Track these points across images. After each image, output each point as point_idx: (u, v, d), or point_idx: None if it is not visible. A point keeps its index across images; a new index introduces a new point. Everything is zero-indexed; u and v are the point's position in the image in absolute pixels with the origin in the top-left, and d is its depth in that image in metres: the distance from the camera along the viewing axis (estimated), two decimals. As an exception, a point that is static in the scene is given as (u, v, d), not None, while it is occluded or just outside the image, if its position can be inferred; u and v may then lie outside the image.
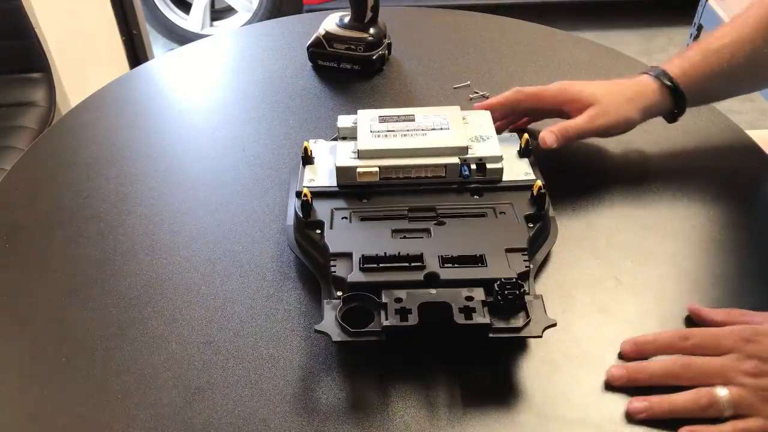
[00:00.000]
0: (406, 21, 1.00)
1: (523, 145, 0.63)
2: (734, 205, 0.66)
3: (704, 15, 1.73)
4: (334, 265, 0.53)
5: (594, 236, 0.62)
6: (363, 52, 0.86)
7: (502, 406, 0.48)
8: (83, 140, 0.78)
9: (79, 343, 0.54)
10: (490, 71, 0.87)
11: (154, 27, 2.64)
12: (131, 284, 0.59)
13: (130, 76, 0.92)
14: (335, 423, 0.48)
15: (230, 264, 0.60)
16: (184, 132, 0.78)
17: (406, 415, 0.48)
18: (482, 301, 0.49)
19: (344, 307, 0.49)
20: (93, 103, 0.84)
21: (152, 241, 0.63)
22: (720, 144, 0.74)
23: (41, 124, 1.34)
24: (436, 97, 0.82)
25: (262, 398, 0.49)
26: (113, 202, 0.68)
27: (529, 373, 0.51)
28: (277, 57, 0.92)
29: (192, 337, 0.54)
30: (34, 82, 1.40)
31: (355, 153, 0.61)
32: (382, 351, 0.51)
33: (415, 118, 0.64)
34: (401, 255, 0.52)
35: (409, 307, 0.49)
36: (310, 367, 0.51)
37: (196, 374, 0.51)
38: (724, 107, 0.76)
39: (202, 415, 0.48)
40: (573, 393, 0.49)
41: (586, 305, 0.56)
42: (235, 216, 0.66)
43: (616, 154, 0.72)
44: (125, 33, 1.94)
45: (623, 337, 0.53)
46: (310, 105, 0.82)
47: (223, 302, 0.57)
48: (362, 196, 0.60)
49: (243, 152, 0.74)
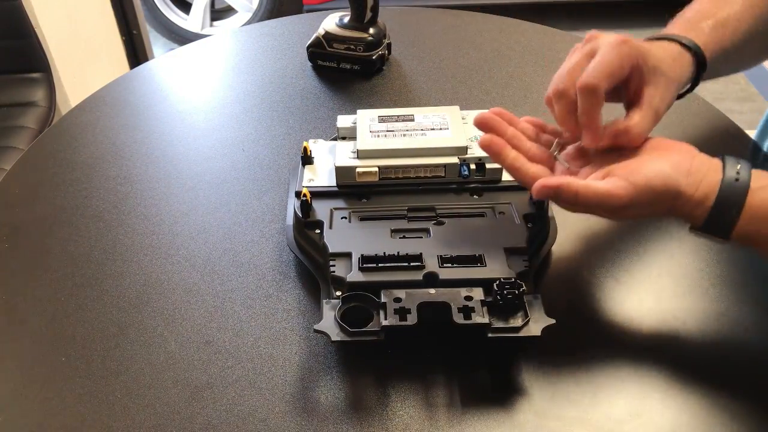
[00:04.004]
0: (406, 21, 1.00)
1: (522, 145, 0.63)
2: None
3: (704, 15, 1.73)
4: (333, 265, 0.53)
5: (593, 236, 0.62)
6: (363, 52, 0.86)
7: (502, 406, 0.49)
8: (83, 140, 0.78)
9: (79, 343, 0.54)
10: (490, 71, 0.87)
11: (154, 27, 2.64)
12: (131, 284, 0.59)
13: (130, 76, 0.92)
14: (334, 422, 0.48)
15: (230, 264, 0.60)
16: (184, 132, 0.78)
17: (406, 415, 0.48)
18: (481, 301, 0.49)
19: (343, 306, 0.50)
20: (93, 103, 0.84)
21: (152, 241, 0.63)
22: (720, 144, 0.74)
23: (41, 124, 1.34)
24: (435, 97, 0.82)
25: (262, 398, 0.49)
26: (113, 202, 0.68)
27: (528, 373, 0.51)
28: (277, 57, 0.92)
29: (191, 336, 0.54)
30: (34, 82, 1.40)
31: (355, 153, 0.61)
32: (381, 351, 0.51)
33: (414, 118, 0.64)
34: (400, 255, 0.52)
35: (408, 307, 0.49)
36: (309, 367, 0.51)
37: (196, 374, 0.51)
38: (724, 108, 0.76)
39: (201, 415, 0.48)
40: (573, 393, 0.49)
41: (586, 305, 0.56)
42: (234, 216, 0.66)
43: (615, 154, 0.72)
44: (125, 33, 1.94)
45: (623, 336, 0.53)
46: (309, 105, 0.82)
47: (222, 302, 0.57)
48: (361, 196, 0.60)
49: (243, 152, 0.74)
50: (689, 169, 0.48)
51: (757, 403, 0.49)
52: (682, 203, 0.47)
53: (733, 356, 0.52)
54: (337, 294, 0.51)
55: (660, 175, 0.47)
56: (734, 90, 2.38)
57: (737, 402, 0.49)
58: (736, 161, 0.48)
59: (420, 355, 0.52)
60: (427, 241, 0.54)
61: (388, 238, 0.55)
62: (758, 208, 0.46)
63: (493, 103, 0.80)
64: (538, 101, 0.81)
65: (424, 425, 0.47)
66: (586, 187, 0.45)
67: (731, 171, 0.47)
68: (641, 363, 0.51)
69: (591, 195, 0.45)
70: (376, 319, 0.49)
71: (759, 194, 0.46)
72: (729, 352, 0.52)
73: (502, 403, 0.49)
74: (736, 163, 0.48)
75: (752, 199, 0.46)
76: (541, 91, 0.82)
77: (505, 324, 0.48)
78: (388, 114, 0.65)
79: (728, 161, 0.48)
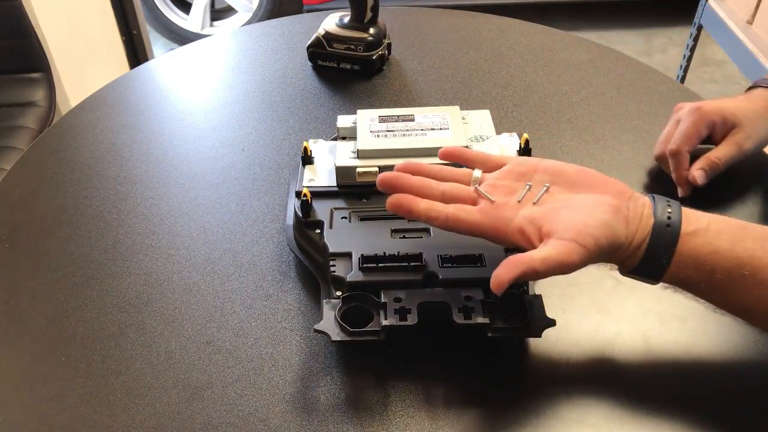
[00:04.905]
0: (406, 21, 1.00)
1: (522, 145, 0.63)
2: (734, 206, 0.66)
3: (704, 15, 1.73)
4: (333, 265, 0.53)
5: (593, 236, 0.62)
6: (363, 52, 0.86)
7: (502, 406, 0.49)
8: (83, 140, 0.78)
9: (79, 343, 0.54)
10: (490, 71, 0.87)
11: (154, 27, 2.64)
12: (131, 284, 0.59)
13: (130, 76, 0.92)
14: (334, 422, 0.48)
15: (230, 264, 0.60)
16: (184, 132, 0.78)
17: (406, 415, 0.48)
18: (481, 301, 0.49)
19: (343, 306, 0.50)
20: (93, 103, 0.84)
21: (152, 241, 0.63)
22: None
23: (41, 124, 1.34)
24: (435, 97, 0.82)
25: (262, 398, 0.49)
26: (113, 202, 0.68)
27: (528, 373, 0.51)
28: (277, 57, 0.92)
29: (191, 336, 0.54)
30: (34, 82, 1.40)
31: (355, 153, 0.61)
32: (381, 351, 0.51)
33: (414, 118, 0.64)
34: (400, 255, 0.52)
35: (409, 307, 0.49)
36: (309, 367, 0.51)
37: (196, 374, 0.51)
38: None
39: (201, 415, 0.48)
40: (573, 392, 0.49)
41: (586, 305, 0.56)
42: (234, 216, 0.66)
43: (614, 154, 0.72)
44: (125, 33, 1.94)
45: (623, 337, 0.53)
46: (309, 105, 0.82)
47: (222, 302, 0.57)
48: (362, 195, 0.60)
49: (243, 152, 0.74)
50: (627, 215, 0.47)
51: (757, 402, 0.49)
52: (620, 253, 0.47)
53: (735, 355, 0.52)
54: (337, 294, 0.51)
55: (604, 230, 0.46)
56: (734, 90, 2.38)
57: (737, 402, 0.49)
58: (666, 202, 0.48)
59: (420, 355, 0.52)
60: (427, 241, 0.54)
61: (388, 238, 0.55)
62: (688, 255, 0.46)
63: (493, 102, 0.81)
64: (538, 101, 0.81)
65: (424, 425, 0.47)
66: (544, 262, 0.45)
67: (662, 215, 0.47)
68: (642, 363, 0.51)
69: (550, 268, 0.45)
70: (376, 319, 0.49)
71: (689, 240, 0.46)
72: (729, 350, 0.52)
73: (503, 403, 0.49)
74: (666, 204, 0.48)
75: (682, 246, 0.46)
76: (541, 91, 0.82)
77: (505, 324, 0.48)
78: (388, 114, 0.65)
79: (658, 202, 0.48)
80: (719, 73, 2.49)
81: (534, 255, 0.45)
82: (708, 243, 0.46)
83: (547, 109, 0.80)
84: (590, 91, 0.82)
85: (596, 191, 0.49)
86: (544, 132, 0.76)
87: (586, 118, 0.78)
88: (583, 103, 0.80)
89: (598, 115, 0.78)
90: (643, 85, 0.83)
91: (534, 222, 0.47)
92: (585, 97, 0.81)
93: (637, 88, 0.82)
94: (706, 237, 0.46)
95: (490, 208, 0.49)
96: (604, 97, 0.81)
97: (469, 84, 0.85)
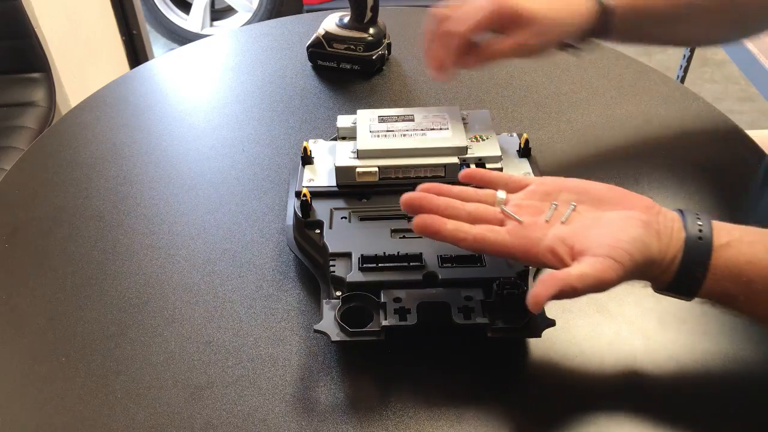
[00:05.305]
0: (406, 21, 1.00)
1: (522, 145, 0.63)
2: (734, 205, 0.66)
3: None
4: (333, 265, 0.53)
5: (593, 236, 0.62)
6: (363, 52, 0.86)
7: (502, 406, 0.48)
8: (83, 140, 0.78)
9: (79, 343, 0.54)
10: (490, 71, 0.87)
11: (154, 27, 2.64)
12: (131, 284, 0.59)
13: (130, 76, 0.92)
14: (334, 422, 0.48)
15: (230, 264, 0.60)
16: (184, 132, 0.78)
17: (406, 415, 0.48)
18: (481, 301, 0.49)
19: (343, 306, 0.50)
20: (93, 103, 0.84)
21: (152, 241, 0.63)
22: (720, 144, 0.74)
23: (41, 124, 1.34)
24: (435, 97, 0.82)
25: (261, 398, 0.49)
26: (113, 202, 0.68)
27: (528, 373, 0.51)
28: (277, 57, 0.92)
29: (191, 336, 0.54)
30: (34, 82, 1.40)
31: (355, 153, 0.61)
32: (381, 351, 0.51)
33: (414, 118, 0.64)
34: (400, 255, 0.52)
35: (408, 307, 0.49)
36: (309, 367, 0.51)
37: (196, 374, 0.51)
38: (724, 108, 0.76)
39: (201, 415, 0.48)
40: (573, 392, 0.49)
41: (586, 305, 0.56)
42: (234, 216, 0.66)
43: (614, 154, 0.72)
44: (125, 33, 1.94)
45: (623, 337, 0.53)
46: (309, 105, 0.82)
47: (222, 302, 0.57)
48: (361, 196, 0.60)
49: (243, 152, 0.74)
50: (658, 230, 0.46)
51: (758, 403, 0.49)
52: (653, 268, 0.46)
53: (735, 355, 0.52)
54: (337, 294, 0.51)
55: (637, 245, 0.45)
56: (734, 90, 2.38)
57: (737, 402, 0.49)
58: (695, 216, 0.47)
59: (420, 355, 0.52)
60: (427, 241, 0.54)
61: (387, 238, 0.55)
62: (723, 267, 0.45)
63: (493, 102, 0.81)
64: (538, 101, 0.81)
65: (424, 425, 0.47)
66: (581, 279, 0.43)
67: (693, 228, 0.46)
68: (642, 363, 0.51)
69: (588, 285, 0.43)
70: (376, 319, 0.49)
71: (724, 252, 0.45)
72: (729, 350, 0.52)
73: (503, 403, 0.49)
74: (696, 218, 0.47)
75: (717, 258, 0.45)
76: (541, 91, 0.82)
77: (505, 324, 0.48)
78: (388, 114, 0.65)
79: (687, 217, 0.47)
80: (719, 73, 2.48)
81: (571, 272, 0.44)
82: (743, 253, 0.45)
83: (547, 109, 0.80)
84: (590, 91, 0.82)
85: (623, 207, 0.48)
86: (544, 132, 0.76)
87: (586, 119, 0.78)
88: (583, 103, 0.80)
89: (598, 115, 0.78)
90: (643, 85, 0.83)
91: (565, 241, 0.46)
92: (585, 97, 0.81)
93: (637, 88, 0.82)
94: (740, 248, 0.45)
95: (518, 228, 0.48)
96: (604, 97, 0.81)
97: (469, 84, 0.85)
